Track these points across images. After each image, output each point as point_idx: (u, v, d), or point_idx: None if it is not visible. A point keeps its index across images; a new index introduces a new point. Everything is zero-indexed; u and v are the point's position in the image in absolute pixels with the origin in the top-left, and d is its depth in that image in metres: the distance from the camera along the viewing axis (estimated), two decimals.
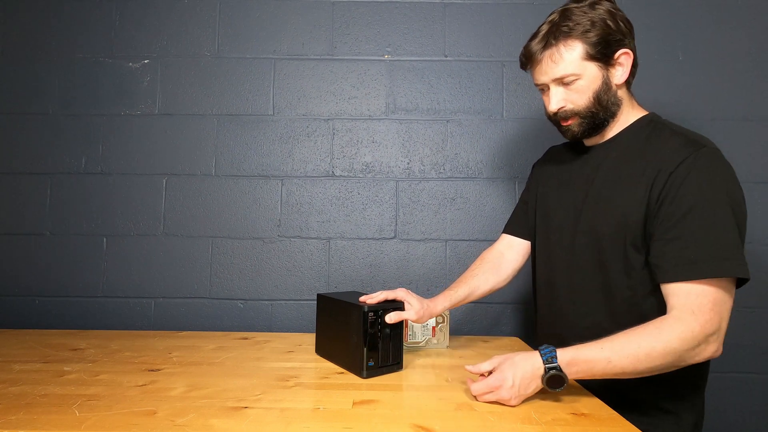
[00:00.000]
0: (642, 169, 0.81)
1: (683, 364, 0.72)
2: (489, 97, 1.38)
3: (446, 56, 1.39)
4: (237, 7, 1.40)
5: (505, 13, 1.39)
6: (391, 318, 0.87)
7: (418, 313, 0.93)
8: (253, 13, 1.40)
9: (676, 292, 0.74)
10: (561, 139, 1.34)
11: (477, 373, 0.78)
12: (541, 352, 0.73)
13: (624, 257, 0.82)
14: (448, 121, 1.38)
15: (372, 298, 0.91)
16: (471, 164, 1.37)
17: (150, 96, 1.39)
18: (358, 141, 1.39)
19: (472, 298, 1.05)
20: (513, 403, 0.72)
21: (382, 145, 1.38)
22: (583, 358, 0.72)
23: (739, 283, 0.76)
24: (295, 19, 1.40)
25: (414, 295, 0.95)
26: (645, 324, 0.73)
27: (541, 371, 0.72)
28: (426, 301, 0.96)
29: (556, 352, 0.72)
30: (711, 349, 0.72)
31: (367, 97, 1.39)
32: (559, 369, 0.71)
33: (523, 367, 0.73)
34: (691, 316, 0.71)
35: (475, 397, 0.75)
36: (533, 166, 1.12)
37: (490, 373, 0.76)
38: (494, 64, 1.39)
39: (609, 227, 0.83)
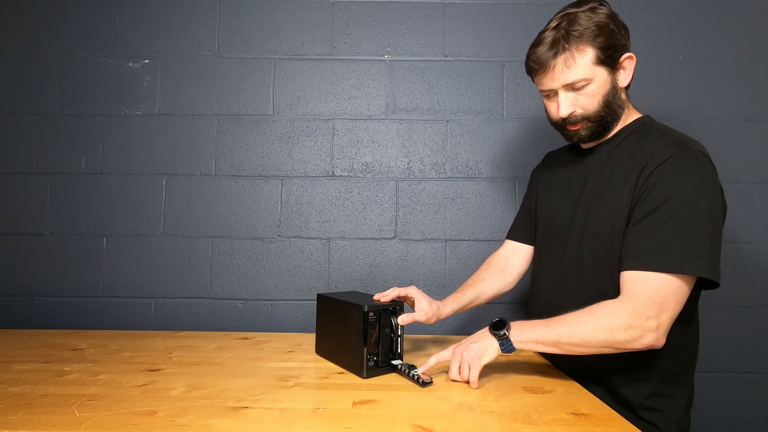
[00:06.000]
0: (630, 170, 0.82)
1: (619, 345, 0.76)
2: (489, 97, 1.38)
3: (446, 56, 1.39)
4: (237, 7, 1.40)
5: (505, 13, 1.39)
6: (403, 320, 0.88)
7: (427, 314, 0.94)
8: (253, 13, 1.40)
9: (626, 279, 0.78)
10: (557, 142, 1.35)
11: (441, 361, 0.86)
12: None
13: (612, 256, 0.83)
14: (448, 121, 1.38)
15: (385, 296, 0.93)
16: (471, 164, 1.37)
17: (150, 96, 1.39)
18: (358, 141, 1.39)
19: (479, 302, 1.07)
20: (473, 349, 0.82)
21: (382, 145, 1.38)
22: (529, 324, 0.82)
23: (709, 285, 0.76)
24: (295, 19, 1.40)
25: (425, 295, 0.97)
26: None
27: (488, 328, 0.83)
28: (435, 303, 0.98)
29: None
30: (648, 339, 0.74)
31: (367, 97, 1.39)
32: (504, 319, 0.82)
33: (473, 337, 0.86)
34: (628, 301, 0.75)
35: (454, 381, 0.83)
36: (532, 173, 1.13)
37: None
38: (494, 64, 1.39)
39: (599, 227, 0.85)
